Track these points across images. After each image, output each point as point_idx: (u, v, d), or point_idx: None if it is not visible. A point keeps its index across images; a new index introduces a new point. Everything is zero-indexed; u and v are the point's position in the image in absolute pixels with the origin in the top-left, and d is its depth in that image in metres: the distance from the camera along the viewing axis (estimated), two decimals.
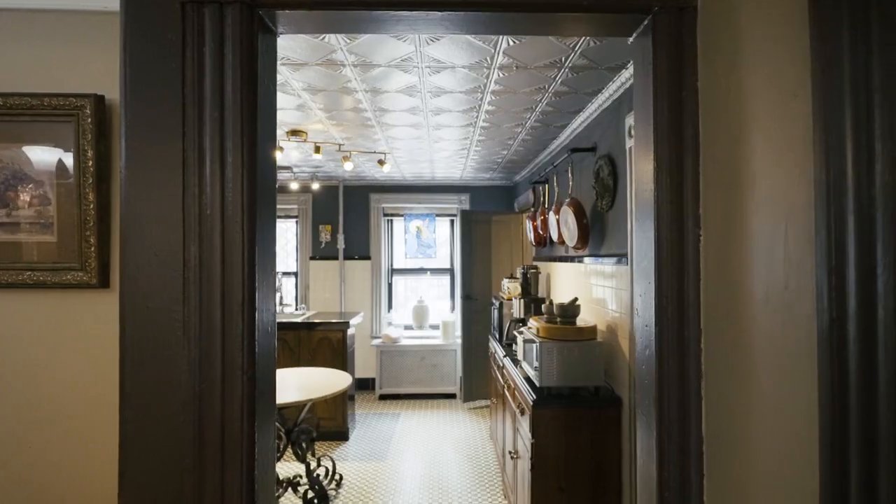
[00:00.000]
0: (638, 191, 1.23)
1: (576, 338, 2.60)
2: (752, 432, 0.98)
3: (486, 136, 3.80)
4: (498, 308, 4.15)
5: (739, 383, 1.02)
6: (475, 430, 4.85)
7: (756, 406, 0.97)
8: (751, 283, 0.97)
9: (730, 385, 1.05)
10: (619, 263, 2.61)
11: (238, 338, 1.11)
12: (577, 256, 3.34)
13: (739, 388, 1.02)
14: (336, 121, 3.39)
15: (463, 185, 6.35)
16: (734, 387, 1.04)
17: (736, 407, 1.03)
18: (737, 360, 1.03)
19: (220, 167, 1.11)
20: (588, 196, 3.10)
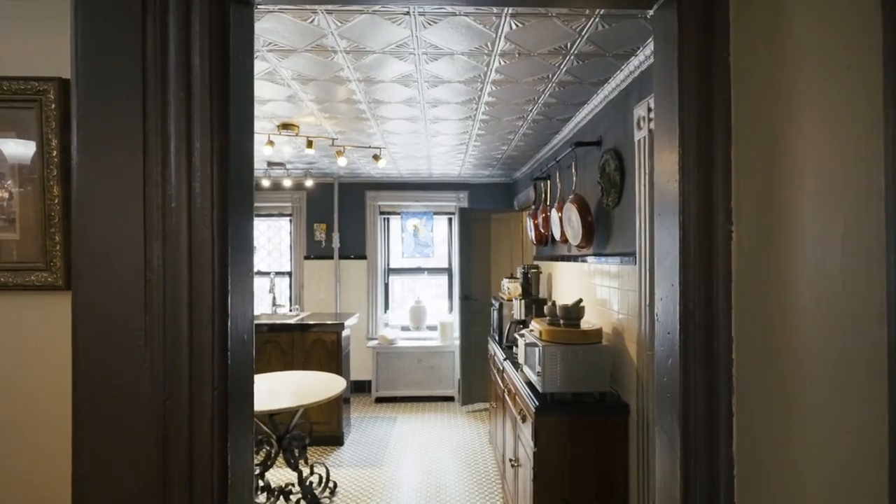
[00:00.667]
0: (659, 182, 1.10)
1: (580, 341, 2.47)
2: (793, 457, 0.85)
3: (485, 130, 3.67)
4: (498, 309, 4.02)
5: (778, 400, 0.89)
6: (474, 435, 4.73)
7: (799, 427, 0.84)
8: (795, 286, 0.84)
9: (766, 402, 0.92)
10: (625, 263, 2.49)
11: (207, 348, 0.97)
12: (581, 256, 3.21)
13: (778, 406, 0.89)
14: (329, 113, 3.25)
15: (461, 183, 6.22)
16: (771, 404, 0.91)
17: (773, 427, 0.90)
18: (775, 373, 0.90)
19: (187, 154, 0.97)
20: (593, 192, 2.97)
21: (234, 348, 1.03)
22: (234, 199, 1.02)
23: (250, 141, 1.10)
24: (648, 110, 2.18)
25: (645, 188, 2.21)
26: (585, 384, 2.45)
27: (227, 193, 1.00)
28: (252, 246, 1.13)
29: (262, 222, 6.59)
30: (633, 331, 2.39)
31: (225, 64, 1.00)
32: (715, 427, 0.98)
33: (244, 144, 1.07)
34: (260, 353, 4.50)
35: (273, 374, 3.70)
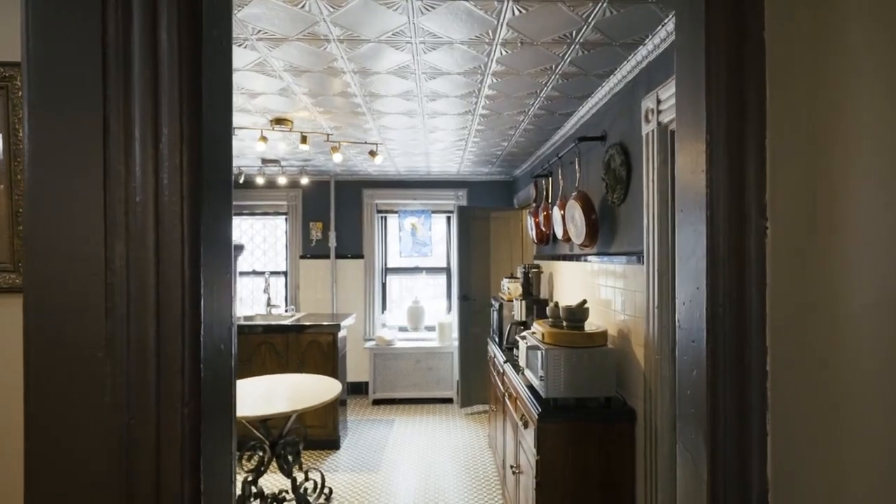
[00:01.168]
0: (682, 175, 0.99)
1: (585, 344, 2.37)
2: (838, 484, 0.75)
3: (485, 126, 3.56)
4: (497, 310, 3.92)
5: (821, 420, 0.79)
6: (473, 438, 4.62)
7: (849, 451, 0.74)
8: (848, 288, 0.74)
9: (806, 421, 0.82)
10: (632, 262, 2.38)
11: (176, 360, 0.86)
12: (584, 255, 3.10)
13: (821, 427, 0.79)
14: (323, 108, 3.14)
15: (460, 181, 6.11)
16: (813, 424, 0.81)
17: (815, 450, 0.80)
18: (818, 388, 0.79)
19: (154, 142, 0.86)
20: (597, 189, 2.87)
21: (208, 360, 0.92)
22: (208, 192, 0.91)
23: (227, 128, 0.99)
24: (657, 102, 2.07)
25: (653, 184, 2.11)
26: (590, 389, 2.34)
27: (200, 186, 0.89)
28: (229, 245, 1.02)
29: (258, 221, 6.48)
30: (640, 333, 2.28)
31: (196, 40, 0.89)
32: (746, 447, 0.87)
33: (220, 131, 0.96)
34: (254, 355, 4.39)
35: (266, 377, 3.59)
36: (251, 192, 6.11)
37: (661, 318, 2.05)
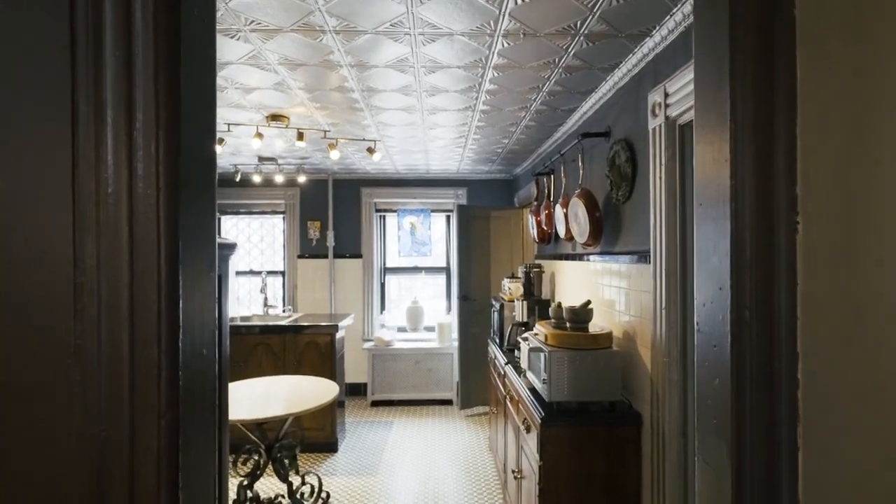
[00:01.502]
0: (703, 165, 0.92)
1: (589, 346, 2.30)
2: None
3: (485, 122, 3.49)
4: (498, 310, 3.85)
5: (860, 435, 0.72)
6: (473, 441, 4.55)
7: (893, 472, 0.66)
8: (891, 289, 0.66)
9: (843, 436, 0.75)
10: (637, 261, 2.31)
11: (152, 367, 0.79)
12: (587, 254, 3.03)
13: (860, 443, 0.72)
14: (320, 103, 3.07)
15: (460, 179, 6.04)
16: (850, 439, 0.73)
17: (854, 469, 0.73)
18: (859, 400, 0.72)
19: (127, 128, 0.79)
20: (600, 186, 2.80)
21: (188, 366, 0.84)
22: (187, 182, 0.84)
23: (210, 112, 0.92)
24: (665, 95, 2.00)
25: (661, 180, 2.03)
26: (595, 392, 2.27)
27: (178, 175, 0.81)
28: (213, 241, 0.95)
29: (255, 220, 6.41)
30: (646, 335, 2.21)
31: (175, 17, 0.81)
32: (775, 464, 0.80)
33: (201, 116, 0.89)
34: (251, 356, 4.32)
35: (262, 378, 3.52)
36: (248, 191, 6.03)
37: (668, 320, 1.98)
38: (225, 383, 2.05)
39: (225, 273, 1.99)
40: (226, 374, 2.02)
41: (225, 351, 2.01)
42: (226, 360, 2.03)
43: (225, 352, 2.01)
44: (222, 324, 1.96)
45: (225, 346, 2.00)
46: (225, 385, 2.05)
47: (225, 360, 2.00)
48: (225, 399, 2.09)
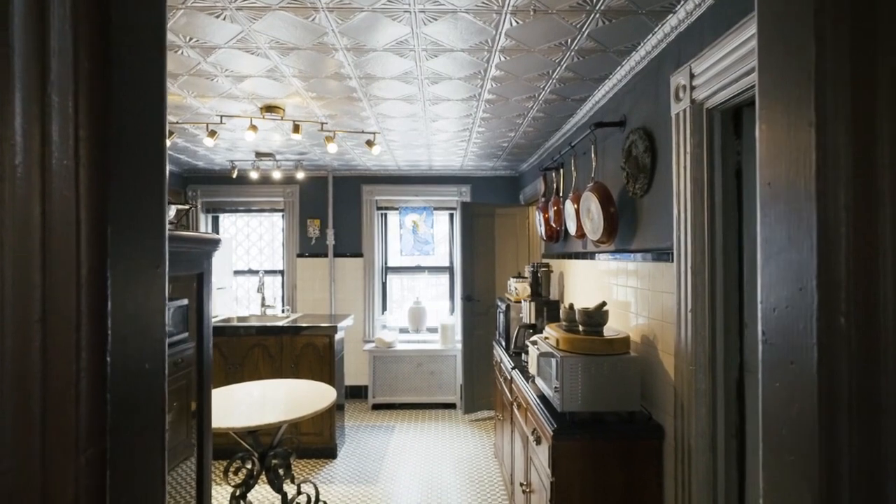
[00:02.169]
0: (770, 136, 0.73)
1: (605, 351, 2.11)
2: None
3: (491, 114, 3.31)
4: (504, 311, 3.67)
5: None
6: (478, 447, 4.37)
7: None
8: None
9: None
10: (658, 260, 2.13)
11: (69, 387, 0.62)
12: (600, 252, 2.85)
13: None
14: (316, 92, 2.89)
15: (463, 176, 5.86)
16: None
17: None
18: None
19: (40, 83, 0.61)
20: (615, 180, 2.61)
21: (121, 385, 0.67)
22: (121, 153, 0.66)
23: (157, 60, 0.74)
24: (690, 77, 1.81)
25: (686, 170, 1.85)
26: (611, 402, 2.09)
27: (108, 144, 0.64)
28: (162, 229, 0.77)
29: (254, 218, 6.25)
30: (668, 340, 2.03)
31: None
32: None
33: (144, 64, 0.71)
34: (246, 358, 4.15)
35: (256, 382, 3.35)
36: (247, 188, 5.87)
37: (695, 324, 1.79)
38: (207, 390, 1.87)
39: (207, 271, 1.81)
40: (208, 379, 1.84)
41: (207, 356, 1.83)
42: (208, 366, 1.85)
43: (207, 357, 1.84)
44: (203, 327, 1.78)
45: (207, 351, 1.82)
46: (207, 392, 1.87)
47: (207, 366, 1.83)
48: (207, 407, 1.91)
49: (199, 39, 2.19)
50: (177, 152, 4.66)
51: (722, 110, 1.75)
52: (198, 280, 1.69)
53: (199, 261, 1.67)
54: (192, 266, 1.65)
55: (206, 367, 1.74)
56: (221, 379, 4.12)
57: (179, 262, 1.59)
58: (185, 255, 1.59)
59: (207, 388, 1.79)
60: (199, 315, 1.71)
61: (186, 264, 1.62)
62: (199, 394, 1.73)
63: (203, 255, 1.69)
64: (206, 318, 1.71)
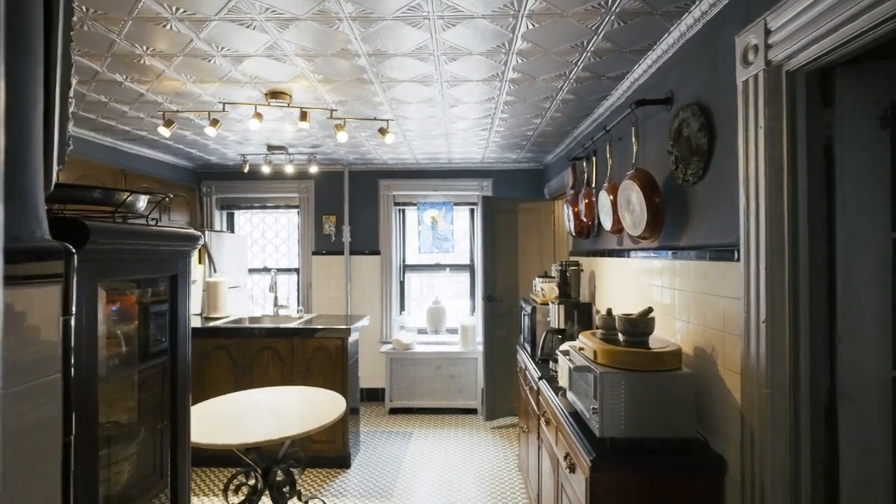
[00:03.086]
0: None
1: (653, 367, 1.79)
2: None
3: (515, 96, 2.99)
4: (529, 314, 3.36)
5: None
6: (501, 458, 4.07)
7: None
8: None
9: None
10: (716, 258, 1.80)
11: None
12: (641, 249, 2.51)
13: None
14: (323, 74, 2.63)
15: (485, 170, 5.55)
16: None
17: None
18: None
19: None
20: (660, 165, 2.28)
21: None
22: None
23: None
24: (765, 34, 1.48)
25: (757, 149, 1.51)
26: (660, 426, 1.77)
27: None
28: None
29: (269, 215, 6.06)
30: (730, 354, 1.69)
31: None
32: None
33: None
34: (255, 362, 3.94)
35: (259, 390, 3.11)
36: (261, 185, 5.68)
37: (771, 336, 1.46)
38: (185, 399, 1.62)
39: (183, 273, 1.56)
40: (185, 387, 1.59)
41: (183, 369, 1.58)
42: (184, 381, 1.60)
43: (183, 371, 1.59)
44: (178, 337, 1.53)
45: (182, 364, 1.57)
46: (184, 402, 1.62)
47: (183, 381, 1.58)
48: (185, 418, 1.66)
49: (186, 10, 1.94)
50: (186, 146, 4.47)
51: (807, 72, 1.41)
52: (171, 284, 1.44)
53: (172, 261, 1.42)
54: (162, 267, 1.39)
55: (181, 383, 1.49)
56: (230, 383, 3.92)
57: (147, 262, 1.34)
58: (153, 255, 1.34)
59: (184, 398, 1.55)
60: (173, 323, 1.45)
61: (155, 265, 1.37)
62: (172, 413, 1.47)
63: (177, 255, 1.44)
64: (181, 327, 1.46)
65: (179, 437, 1.48)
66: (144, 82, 2.75)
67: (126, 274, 1.26)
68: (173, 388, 1.46)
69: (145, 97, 3.00)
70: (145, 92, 2.91)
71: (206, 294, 4.42)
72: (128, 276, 1.29)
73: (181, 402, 1.50)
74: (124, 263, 1.24)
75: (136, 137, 4.09)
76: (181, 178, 5.31)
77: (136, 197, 1.41)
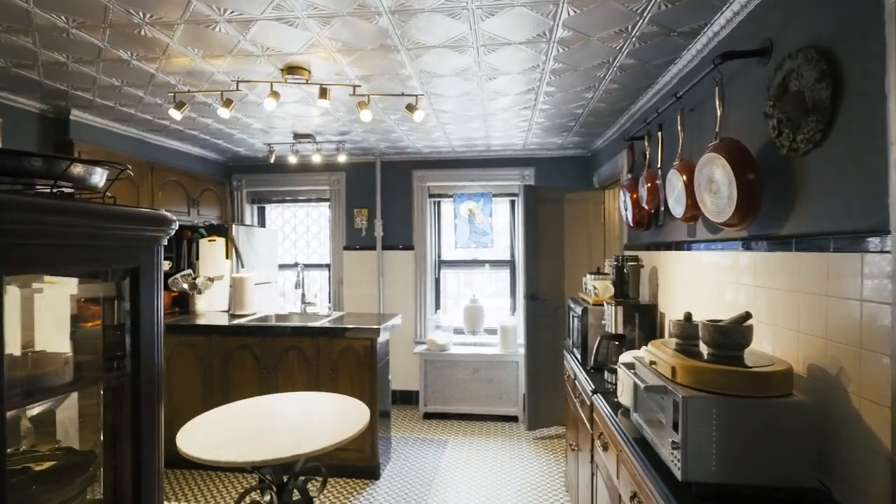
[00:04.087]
0: None
1: (754, 391, 1.36)
2: None
3: (564, 63, 2.57)
4: (579, 316, 2.93)
5: None
6: (545, 473, 3.66)
7: None
8: None
9: None
10: (841, 249, 1.34)
11: None
12: (725, 239, 2.06)
13: None
14: (342, 42, 2.30)
15: (526, 157, 5.12)
16: None
17: None
18: None
19: None
20: (751, 134, 1.82)
21: None
22: None
23: None
24: None
25: None
26: (766, 471, 1.34)
27: None
28: None
29: (301, 209, 5.86)
30: (872, 379, 1.24)
31: None
32: None
33: None
34: (280, 362, 3.70)
35: (274, 396, 2.84)
36: (291, 177, 5.48)
37: None
38: (153, 420, 1.32)
39: (150, 265, 1.25)
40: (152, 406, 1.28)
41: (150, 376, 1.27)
42: (150, 390, 1.29)
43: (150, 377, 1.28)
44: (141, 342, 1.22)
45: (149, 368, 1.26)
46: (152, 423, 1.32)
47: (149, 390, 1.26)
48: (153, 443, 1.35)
49: None
50: (212, 136, 4.28)
51: None
52: (131, 278, 1.13)
53: (131, 250, 1.11)
54: (117, 258, 1.09)
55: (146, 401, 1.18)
56: (254, 384, 3.70)
57: (94, 250, 1.03)
58: (102, 242, 1.04)
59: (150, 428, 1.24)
60: (135, 328, 1.15)
61: (106, 255, 1.06)
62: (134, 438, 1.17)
63: (140, 243, 1.13)
64: (144, 331, 1.15)
65: (145, 467, 1.18)
66: (152, 59, 2.50)
67: (55, 264, 0.96)
68: (135, 408, 1.15)
69: (157, 78, 2.77)
70: (155, 72, 2.67)
71: (233, 290, 4.22)
72: (58, 267, 0.98)
73: (147, 424, 1.19)
74: (53, 250, 0.94)
75: (159, 128, 3.92)
76: (211, 171, 5.16)
77: (89, 168, 1.11)
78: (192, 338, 3.77)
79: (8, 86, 2.85)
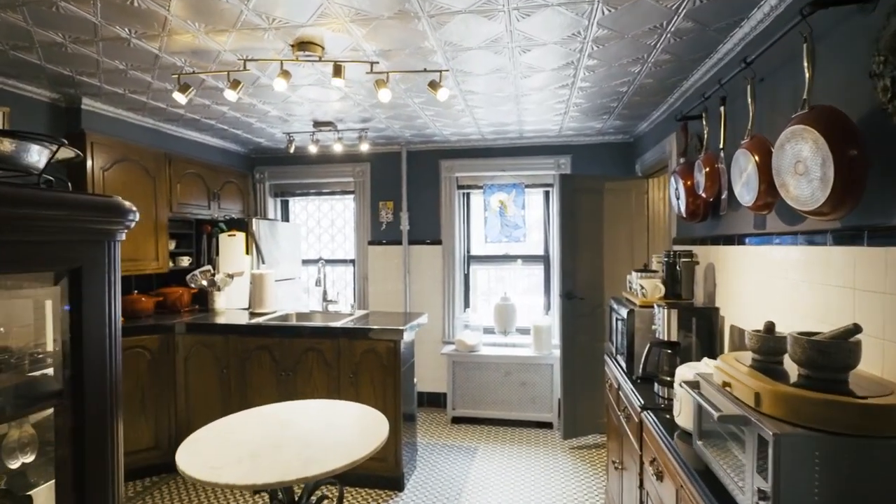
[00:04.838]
0: None
1: (870, 428, 1.04)
2: None
3: (609, 31, 2.24)
4: (623, 319, 2.60)
5: None
6: (583, 487, 3.35)
7: None
8: None
9: None
10: None
11: None
12: (809, 232, 1.70)
13: None
14: (355, 9, 2.04)
15: (562, 144, 4.77)
16: None
17: None
18: None
19: None
20: (850, 103, 1.47)
21: None
22: None
23: None
24: None
25: None
26: None
27: None
28: None
29: (325, 202, 5.68)
30: None
31: None
32: None
33: None
34: (299, 364, 3.51)
35: (286, 405, 2.63)
36: (314, 169, 5.30)
37: None
38: (105, 457, 1.09)
39: (99, 263, 1.00)
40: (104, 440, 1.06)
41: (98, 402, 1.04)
42: (97, 419, 1.05)
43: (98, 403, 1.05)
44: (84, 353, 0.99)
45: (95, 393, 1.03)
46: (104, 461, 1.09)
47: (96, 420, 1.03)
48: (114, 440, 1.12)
49: None
50: (230, 125, 4.12)
51: None
52: (71, 281, 0.90)
53: (74, 247, 0.88)
54: (54, 256, 0.85)
55: (91, 433, 0.95)
56: (273, 388, 3.52)
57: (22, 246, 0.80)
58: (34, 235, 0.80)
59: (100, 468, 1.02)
60: (76, 342, 0.92)
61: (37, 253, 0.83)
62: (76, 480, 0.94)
63: (85, 238, 0.90)
64: (87, 340, 0.92)
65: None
66: (152, 37, 2.31)
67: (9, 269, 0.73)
68: (77, 440, 0.92)
69: (162, 60, 2.59)
70: (159, 52, 2.49)
71: (252, 287, 4.06)
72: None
73: (95, 462, 0.96)
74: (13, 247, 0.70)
75: (175, 117, 3.78)
76: (233, 163, 5.02)
77: (21, 144, 0.88)
78: (208, 337, 3.63)
79: (12, 72, 2.73)
